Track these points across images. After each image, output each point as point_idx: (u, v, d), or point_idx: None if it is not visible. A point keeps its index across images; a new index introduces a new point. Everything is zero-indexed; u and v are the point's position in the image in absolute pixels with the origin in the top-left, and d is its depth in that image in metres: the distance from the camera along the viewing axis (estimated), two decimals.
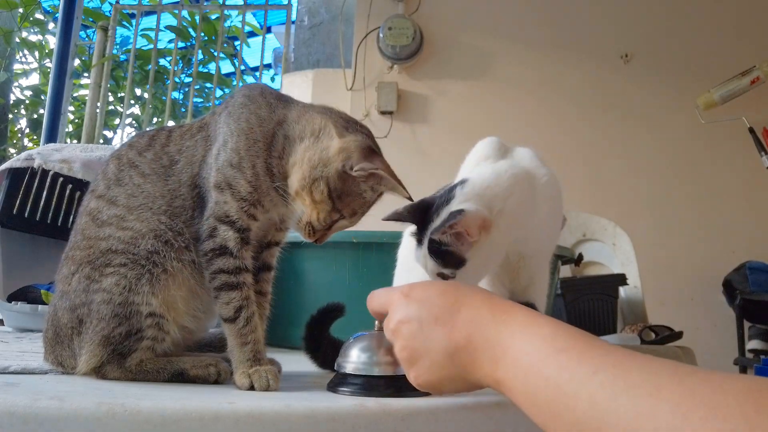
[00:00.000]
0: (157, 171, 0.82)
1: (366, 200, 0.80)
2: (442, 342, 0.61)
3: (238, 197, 0.78)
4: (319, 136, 0.78)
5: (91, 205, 0.83)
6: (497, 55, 3.33)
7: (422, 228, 0.83)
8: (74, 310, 0.78)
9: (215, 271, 0.77)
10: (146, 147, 0.85)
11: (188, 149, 0.83)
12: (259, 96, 0.83)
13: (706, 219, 3.10)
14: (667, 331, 1.96)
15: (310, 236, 0.80)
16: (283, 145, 0.79)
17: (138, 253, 0.77)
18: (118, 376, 0.77)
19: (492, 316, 0.59)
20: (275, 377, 0.74)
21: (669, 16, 3.28)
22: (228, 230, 0.77)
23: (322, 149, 0.77)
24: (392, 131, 3.21)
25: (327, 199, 0.77)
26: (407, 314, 0.64)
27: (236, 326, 0.76)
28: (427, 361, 0.63)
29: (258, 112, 0.81)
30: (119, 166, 0.84)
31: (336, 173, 0.77)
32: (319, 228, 0.79)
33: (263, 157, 0.79)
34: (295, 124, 0.80)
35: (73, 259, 0.81)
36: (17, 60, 4.68)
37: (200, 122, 0.87)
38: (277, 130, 0.80)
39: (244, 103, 0.82)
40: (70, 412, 0.58)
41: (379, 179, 0.78)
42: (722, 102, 2.81)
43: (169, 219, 0.79)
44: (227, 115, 0.82)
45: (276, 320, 0.90)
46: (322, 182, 0.76)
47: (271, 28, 4.67)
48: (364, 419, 0.63)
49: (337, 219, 0.79)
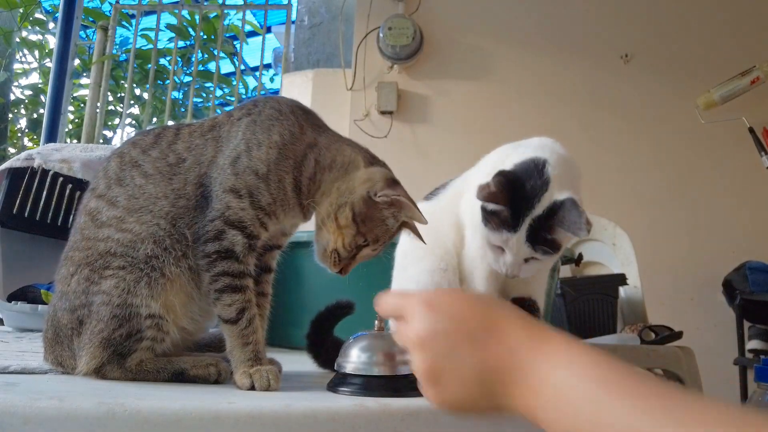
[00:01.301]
0: (161, 170, 0.82)
1: (388, 228, 0.82)
2: (474, 363, 0.57)
3: (257, 206, 0.79)
4: (347, 169, 0.82)
5: (90, 205, 0.83)
6: (497, 55, 3.33)
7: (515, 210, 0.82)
8: (74, 311, 0.78)
9: (218, 273, 0.77)
10: (151, 145, 0.85)
11: (197, 147, 0.83)
12: (290, 113, 0.84)
13: (706, 219, 3.10)
14: (667, 331, 1.96)
15: (335, 265, 0.81)
16: (314, 170, 0.82)
17: (137, 257, 0.77)
18: (119, 376, 0.77)
19: (529, 341, 0.57)
20: (276, 377, 0.74)
21: (669, 16, 3.28)
22: (237, 234, 0.78)
23: (349, 179, 0.81)
24: (392, 131, 3.21)
25: (351, 223, 0.79)
26: (434, 328, 0.59)
27: (238, 327, 0.76)
28: (454, 381, 0.58)
29: (291, 129, 0.82)
30: (121, 165, 0.84)
31: (361, 199, 0.80)
32: (345, 256, 0.81)
33: (292, 174, 0.81)
34: (326, 151, 0.83)
35: (72, 260, 0.81)
36: (17, 60, 4.68)
37: (212, 121, 0.87)
38: (308, 152, 0.82)
39: (275, 116, 0.83)
40: (70, 412, 0.58)
41: (400, 206, 0.81)
42: (722, 102, 2.81)
43: (169, 224, 0.79)
44: (251, 122, 0.82)
45: (276, 320, 0.90)
46: (347, 207, 0.80)
47: (271, 27, 4.66)
48: (364, 419, 0.63)
49: (361, 244, 0.81)
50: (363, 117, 3.25)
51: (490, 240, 0.86)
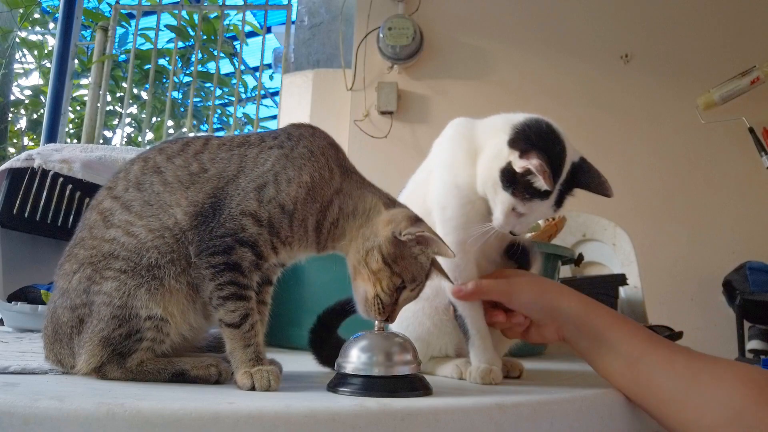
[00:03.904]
0: (181, 179, 0.82)
1: (422, 265, 0.81)
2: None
3: (275, 234, 0.80)
4: (369, 215, 0.83)
5: (105, 204, 0.83)
6: (497, 55, 3.33)
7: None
8: (74, 309, 0.78)
9: (224, 282, 0.77)
10: (178, 152, 0.85)
11: (222, 161, 0.83)
12: (322, 155, 0.84)
13: (706, 219, 3.10)
14: (667, 331, 1.96)
15: (381, 314, 0.80)
16: (337, 215, 0.83)
17: (140, 263, 0.77)
18: (119, 376, 0.77)
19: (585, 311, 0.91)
20: (276, 378, 0.74)
21: (669, 16, 3.28)
22: (248, 252, 0.78)
23: (372, 224, 0.82)
24: (392, 131, 3.21)
25: (384, 266, 0.79)
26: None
27: (240, 331, 0.77)
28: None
29: (321, 172, 0.83)
30: (143, 170, 0.84)
31: (387, 240, 0.80)
32: (388, 301, 0.80)
33: (317, 216, 0.82)
34: (349, 198, 0.84)
35: (77, 257, 0.81)
36: (17, 60, 4.68)
37: (242, 138, 0.87)
38: (334, 198, 0.83)
39: (307, 156, 0.83)
40: (70, 412, 0.58)
41: (427, 242, 0.80)
42: (722, 102, 2.81)
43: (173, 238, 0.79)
44: (283, 156, 0.83)
45: (276, 320, 0.90)
46: (375, 251, 0.80)
47: (271, 28, 4.67)
48: (364, 419, 0.63)
49: (399, 286, 0.80)
50: (363, 117, 3.25)
51: (518, 209, 0.87)
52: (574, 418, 0.78)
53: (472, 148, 0.94)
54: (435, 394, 0.75)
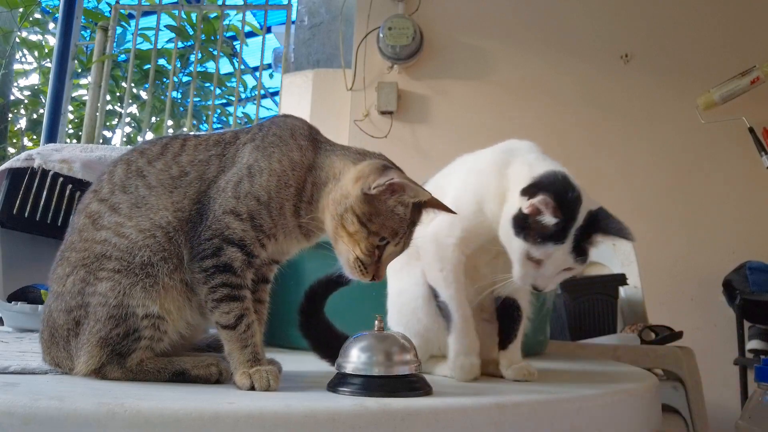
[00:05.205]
0: (164, 183, 0.82)
1: (401, 217, 0.80)
2: None
3: (258, 229, 0.80)
4: (338, 177, 0.82)
5: (92, 207, 0.83)
6: (497, 55, 3.33)
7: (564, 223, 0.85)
8: (70, 311, 0.78)
9: (217, 284, 0.77)
10: (157, 156, 0.85)
11: (201, 163, 0.83)
12: (291, 138, 0.84)
13: (706, 219, 3.10)
14: (667, 331, 1.96)
15: (364, 274, 0.80)
16: (311, 192, 0.83)
17: (133, 262, 0.78)
18: (119, 376, 0.77)
19: None
20: (276, 377, 0.74)
21: (669, 16, 3.28)
22: (237, 251, 0.79)
23: (342, 185, 0.81)
24: (392, 131, 3.21)
25: (360, 227, 0.78)
26: None
27: (237, 332, 0.77)
28: None
29: (291, 155, 0.83)
30: (127, 173, 0.84)
31: (357, 199, 0.78)
32: (369, 261, 0.80)
33: (293, 201, 0.82)
34: (320, 170, 0.83)
35: (69, 261, 0.81)
36: (17, 60, 4.68)
37: (218, 137, 0.87)
38: (307, 177, 0.83)
39: (275, 143, 0.83)
40: (70, 412, 0.58)
41: (400, 188, 0.79)
42: (722, 102, 2.81)
43: (165, 237, 0.79)
44: (255, 148, 0.83)
45: (276, 320, 0.90)
46: (349, 213, 0.79)
47: (271, 28, 4.66)
48: (364, 419, 0.63)
49: (380, 244, 0.80)
50: (363, 117, 3.25)
51: (532, 254, 0.86)
52: (574, 418, 0.78)
53: (503, 185, 0.94)
54: (435, 394, 0.75)
